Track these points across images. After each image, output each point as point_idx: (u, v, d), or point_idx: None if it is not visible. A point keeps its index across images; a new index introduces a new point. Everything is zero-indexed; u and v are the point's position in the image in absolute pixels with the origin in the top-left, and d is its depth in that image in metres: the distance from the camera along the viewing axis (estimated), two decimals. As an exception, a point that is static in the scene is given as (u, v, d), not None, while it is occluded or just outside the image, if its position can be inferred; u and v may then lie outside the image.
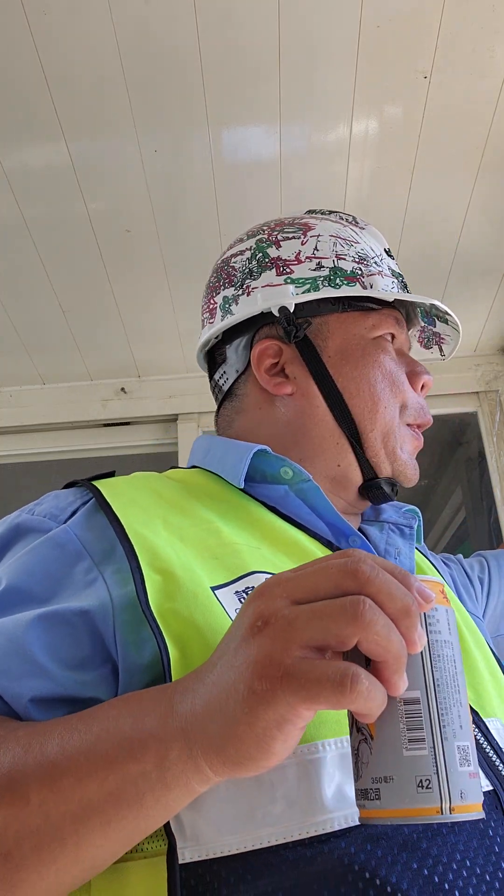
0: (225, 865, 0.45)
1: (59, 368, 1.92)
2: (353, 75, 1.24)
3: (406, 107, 1.30)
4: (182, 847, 0.46)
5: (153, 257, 1.58)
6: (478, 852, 0.48)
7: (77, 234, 1.51)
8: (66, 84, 1.23)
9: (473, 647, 0.68)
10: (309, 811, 0.47)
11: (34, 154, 1.35)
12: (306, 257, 0.79)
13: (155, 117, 1.30)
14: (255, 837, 0.46)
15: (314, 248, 0.80)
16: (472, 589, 0.91)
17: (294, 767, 0.48)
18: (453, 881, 0.46)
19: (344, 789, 0.48)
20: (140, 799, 0.42)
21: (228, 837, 0.46)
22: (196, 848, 0.46)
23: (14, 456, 1.99)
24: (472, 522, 2.04)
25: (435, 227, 1.56)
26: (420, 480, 0.81)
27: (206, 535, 0.62)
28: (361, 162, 1.40)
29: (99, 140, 1.33)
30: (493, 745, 0.56)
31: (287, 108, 1.29)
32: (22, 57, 1.18)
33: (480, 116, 1.32)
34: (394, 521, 0.80)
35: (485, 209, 1.51)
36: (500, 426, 1.96)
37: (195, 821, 0.47)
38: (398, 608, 0.39)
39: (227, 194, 1.45)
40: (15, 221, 1.47)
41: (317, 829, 0.46)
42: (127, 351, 1.86)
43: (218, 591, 0.56)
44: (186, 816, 0.47)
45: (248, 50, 1.20)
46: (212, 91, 1.25)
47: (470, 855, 0.47)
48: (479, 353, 2.00)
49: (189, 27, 1.16)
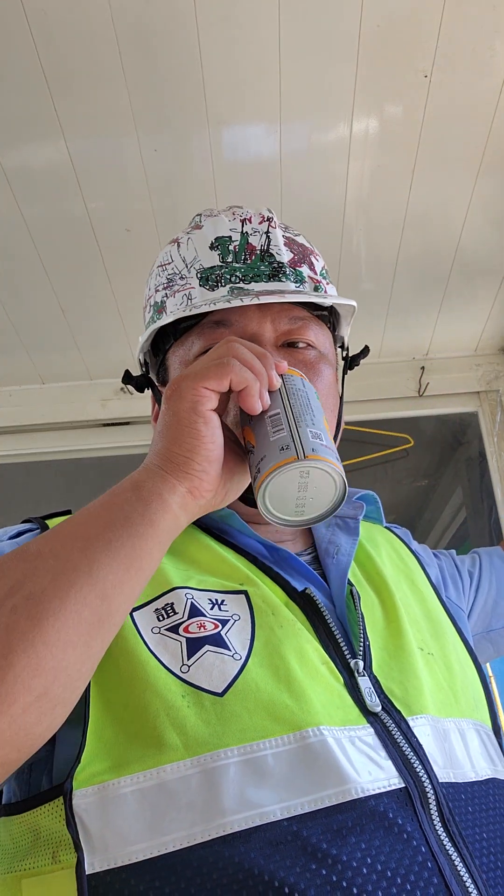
0: (133, 873, 0.48)
1: (59, 368, 1.92)
2: (353, 75, 1.24)
3: (406, 106, 1.30)
4: (91, 858, 0.48)
5: (153, 257, 1.58)
6: (381, 850, 0.49)
7: (77, 234, 1.50)
8: (66, 84, 1.22)
9: (416, 638, 0.68)
10: (211, 814, 0.49)
11: (34, 153, 1.35)
12: (146, 301, 0.83)
13: (155, 117, 1.29)
14: (161, 843, 0.49)
15: (148, 288, 0.83)
16: (460, 582, 0.92)
17: (197, 776, 0.51)
18: (353, 880, 0.47)
19: (246, 793, 0.50)
20: (128, 520, 0.53)
21: (135, 846, 0.49)
22: (105, 857, 0.48)
23: (13, 456, 1.99)
24: (473, 522, 2.04)
25: (435, 227, 1.56)
26: (420, 480, 0.80)
27: None
28: (361, 161, 1.40)
29: (99, 140, 1.33)
30: (412, 743, 0.57)
31: (287, 107, 1.29)
32: (22, 57, 1.17)
33: (480, 116, 1.32)
34: (341, 515, 0.79)
35: (485, 209, 1.51)
36: (500, 426, 1.96)
37: (103, 831, 0.49)
38: (257, 352, 0.60)
39: (227, 194, 1.45)
40: (15, 221, 1.46)
41: (218, 830, 0.49)
42: (127, 351, 1.86)
43: (136, 612, 0.60)
44: (94, 827, 0.49)
45: (249, 49, 1.20)
46: (212, 90, 1.25)
47: (372, 853, 0.49)
48: (480, 353, 2.00)
49: (189, 26, 1.15)
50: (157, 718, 0.53)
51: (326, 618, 0.64)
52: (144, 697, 0.55)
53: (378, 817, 0.51)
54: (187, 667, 0.57)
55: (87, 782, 0.51)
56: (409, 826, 0.51)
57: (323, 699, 0.57)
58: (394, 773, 0.54)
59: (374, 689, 0.60)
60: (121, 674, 0.56)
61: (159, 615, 0.61)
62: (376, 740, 0.56)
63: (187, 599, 0.62)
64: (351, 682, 0.60)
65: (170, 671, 0.56)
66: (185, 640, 0.58)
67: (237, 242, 0.77)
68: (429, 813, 0.53)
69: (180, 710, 0.54)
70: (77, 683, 0.49)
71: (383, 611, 0.70)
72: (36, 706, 0.46)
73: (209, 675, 0.56)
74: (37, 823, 0.53)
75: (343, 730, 0.55)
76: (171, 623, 0.60)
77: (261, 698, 0.55)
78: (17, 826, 0.54)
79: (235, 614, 0.62)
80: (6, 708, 0.44)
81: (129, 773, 0.51)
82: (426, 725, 0.60)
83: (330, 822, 0.50)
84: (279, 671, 0.58)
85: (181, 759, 0.52)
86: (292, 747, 0.53)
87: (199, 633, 0.59)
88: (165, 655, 0.57)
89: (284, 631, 0.61)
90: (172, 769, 0.51)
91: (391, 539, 0.86)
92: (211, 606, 0.62)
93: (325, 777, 0.52)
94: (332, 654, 0.62)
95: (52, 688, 0.47)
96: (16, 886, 0.52)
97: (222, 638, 0.59)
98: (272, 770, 0.52)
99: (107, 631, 0.51)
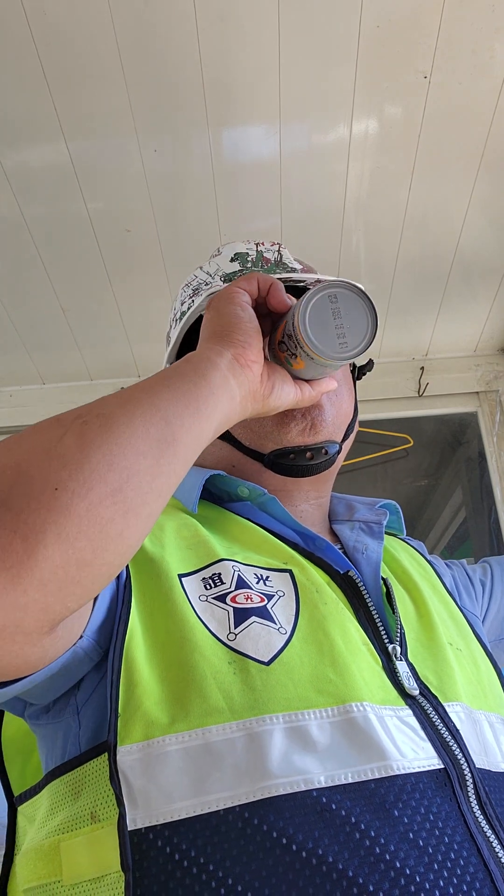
0: (175, 830, 0.48)
1: (59, 368, 1.92)
2: (353, 75, 1.24)
3: (406, 107, 1.30)
4: (133, 814, 0.49)
5: (153, 257, 1.58)
6: (422, 826, 0.50)
7: (77, 234, 1.51)
8: (66, 84, 1.23)
9: (445, 634, 0.70)
10: (256, 776, 0.50)
11: (34, 153, 1.36)
12: (171, 319, 0.90)
13: (155, 117, 1.30)
14: (205, 802, 0.49)
15: (173, 309, 0.90)
16: (472, 590, 0.93)
17: (242, 739, 0.52)
18: (395, 854, 0.48)
19: (290, 758, 0.51)
20: (182, 375, 0.56)
21: (179, 803, 0.49)
22: (147, 814, 0.49)
23: (14, 455, 1.99)
24: (472, 522, 2.04)
25: (435, 227, 1.56)
26: (420, 480, 0.82)
27: (183, 528, 0.69)
28: (361, 162, 1.40)
29: (99, 140, 1.33)
30: (449, 727, 0.58)
31: (287, 107, 1.29)
32: (22, 57, 1.18)
33: (480, 116, 1.32)
34: (364, 520, 0.82)
35: (485, 209, 1.51)
36: (500, 426, 1.96)
37: (147, 787, 0.50)
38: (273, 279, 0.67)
39: (227, 194, 1.45)
40: (15, 221, 1.47)
41: (263, 793, 0.49)
42: (127, 350, 1.86)
43: (185, 578, 0.62)
44: (138, 783, 0.50)
45: (249, 49, 1.20)
46: (212, 91, 1.26)
47: (414, 828, 0.49)
48: (479, 353, 2.00)
49: (189, 27, 1.16)
50: (203, 680, 0.55)
51: (367, 600, 0.66)
52: (192, 660, 0.56)
53: (419, 794, 0.51)
54: (234, 635, 0.58)
55: (132, 739, 0.52)
56: (447, 806, 0.52)
57: (366, 676, 0.58)
58: (433, 754, 0.55)
59: (412, 674, 0.62)
60: (170, 635, 0.58)
61: (206, 584, 0.62)
62: (415, 722, 0.57)
63: (234, 571, 0.64)
64: (389, 665, 0.61)
65: (217, 638, 0.58)
66: (232, 609, 0.60)
67: (253, 256, 0.84)
68: (466, 795, 0.54)
69: (227, 675, 0.55)
70: (148, 497, 0.49)
71: (414, 606, 0.72)
72: (111, 501, 0.46)
73: (256, 645, 0.58)
74: (81, 781, 0.54)
75: (384, 708, 0.56)
76: (218, 592, 0.61)
77: (305, 671, 0.57)
78: (61, 786, 0.55)
79: (280, 590, 0.63)
80: (85, 492, 0.45)
81: (175, 732, 0.52)
82: (462, 712, 0.61)
83: (372, 795, 0.50)
84: (323, 646, 0.59)
85: (227, 722, 0.53)
86: (336, 720, 0.54)
87: (245, 604, 0.61)
88: (213, 622, 0.59)
89: (328, 609, 0.63)
90: (218, 730, 0.52)
91: (408, 549, 0.88)
92: (257, 581, 0.64)
93: (368, 751, 0.53)
94: (371, 637, 0.63)
95: (126, 487, 0.47)
96: (54, 852, 0.53)
97: (268, 611, 0.61)
98: (316, 740, 0.52)
99: (173, 455, 0.51)
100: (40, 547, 0.42)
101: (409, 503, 2.24)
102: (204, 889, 0.46)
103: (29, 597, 0.42)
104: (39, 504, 0.43)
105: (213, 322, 0.64)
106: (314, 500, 0.81)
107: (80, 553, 0.44)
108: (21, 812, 0.64)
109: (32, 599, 0.42)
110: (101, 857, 0.50)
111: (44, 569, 0.42)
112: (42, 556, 0.42)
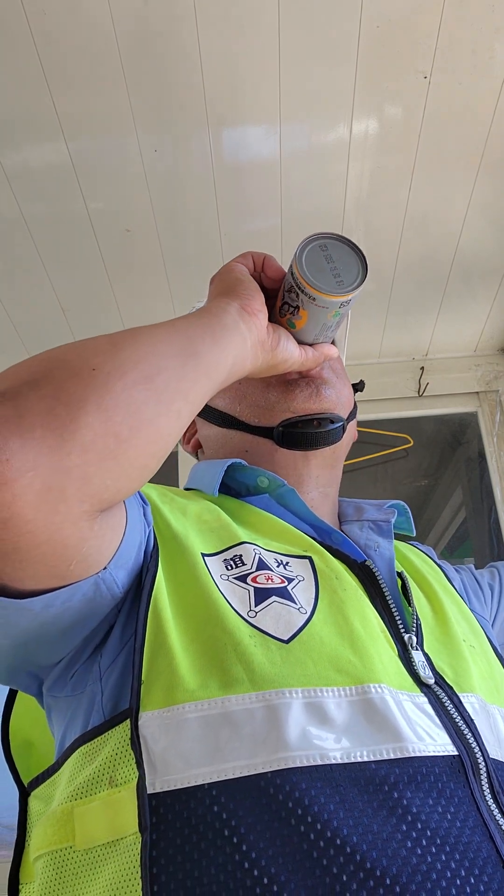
0: (193, 796, 0.49)
1: (59, 368, 1.92)
2: (353, 75, 1.24)
3: (406, 107, 1.30)
4: (152, 778, 0.50)
5: (153, 257, 1.58)
6: (434, 809, 0.50)
7: (77, 234, 1.51)
8: (66, 84, 1.23)
9: (459, 631, 0.71)
10: (273, 747, 0.50)
11: (34, 153, 1.36)
12: None
13: (155, 117, 1.30)
14: (222, 770, 0.50)
15: None
16: (481, 594, 0.94)
17: (261, 710, 0.52)
18: (408, 833, 0.48)
19: (308, 731, 0.51)
20: (197, 316, 0.61)
21: (197, 769, 0.50)
22: (165, 779, 0.50)
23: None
24: (472, 522, 2.04)
25: (434, 227, 1.56)
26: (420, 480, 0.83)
27: (205, 512, 0.71)
28: (361, 162, 1.40)
29: (99, 140, 1.33)
30: (464, 717, 0.59)
31: (287, 107, 1.29)
32: (22, 57, 1.18)
33: (480, 117, 1.32)
34: (373, 519, 0.83)
35: (485, 209, 1.51)
36: (500, 426, 1.96)
37: (166, 753, 0.51)
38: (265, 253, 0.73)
39: (227, 194, 1.45)
40: (15, 220, 1.47)
41: (280, 763, 0.50)
42: (127, 351, 1.87)
43: (208, 557, 0.64)
44: (157, 748, 0.51)
45: (249, 49, 1.20)
46: (212, 90, 1.26)
47: (426, 810, 0.50)
48: (479, 353, 2.00)
49: (189, 27, 1.16)
50: (224, 652, 0.55)
51: (384, 590, 0.67)
52: (214, 632, 0.57)
53: (433, 778, 0.52)
54: (255, 612, 0.59)
55: (154, 705, 0.53)
56: (460, 791, 0.52)
57: (384, 660, 0.59)
58: (448, 740, 0.55)
59: (427, 664, 0.62)
60: (196, 608, 0.59)
61: (228, 565, 0.64)
62: (431, 710, 0.58)
63: (255, 554, 0.65)
64: (405, 655, 0.62)
65: (238, 614, 0.59)
66: (252, 588, 0.61)
67: None
68: (480, 783, 0.54)
69: (248, 648, 0.56)
70: (176, 396, 0.54)
71: (429, 602, 0.73)
72: (144, 387, 0.51)
73: (276, 623, 0.58)
74: (101, 747, 0.54)
75: (401, 693, 0.57)
76: (239, 573, 0.63)
77: (324, 650, 0.57)
78: (80, 757, 0.56)
79: (300, 575, 0.65)
80: (120, 374, 0.49)
81: (195, 700, 0.53)
82: (476, 703, 0.62)
83: (387, 774, 0.51)
84: (342, 629, 0.60)
85: (246, 692, 0.53)
86: (354, 699, 0.54)
87: (266, 584, 0.62)
88: (234, 600, 0.60)
89: (348, 594, 0.63)
90: (237, 700, 0.53)
91: (418, 553, 0.89)
92: (277, 565, 0.65)
93: (384, 731, 0.53)
94: (388, 626, 0.64)
95: (157, 378, 0.52)
96: (67, 818, 0.53)
97: (288, 592, 0.62)
98: (333, 717, 0.53)
99: (195, 366, 0.56)
100: (82, 413, 0.46)
101: (410, 503, 2.23)
102: (219, 854, 0.47)
103: (72, 461, 0.46)
104: (80, 379, 0.48)
105: (217, 287, 0.69)
106: (324, 486, 0.82)
107: (118, 427, 0.48)
108: (35, 796, 0.64)
109: (75, 464, 0.46)
110: (117, 820, 0.50)
111: (85, 435, 0.46)
112: (84, 422, 0.46)
